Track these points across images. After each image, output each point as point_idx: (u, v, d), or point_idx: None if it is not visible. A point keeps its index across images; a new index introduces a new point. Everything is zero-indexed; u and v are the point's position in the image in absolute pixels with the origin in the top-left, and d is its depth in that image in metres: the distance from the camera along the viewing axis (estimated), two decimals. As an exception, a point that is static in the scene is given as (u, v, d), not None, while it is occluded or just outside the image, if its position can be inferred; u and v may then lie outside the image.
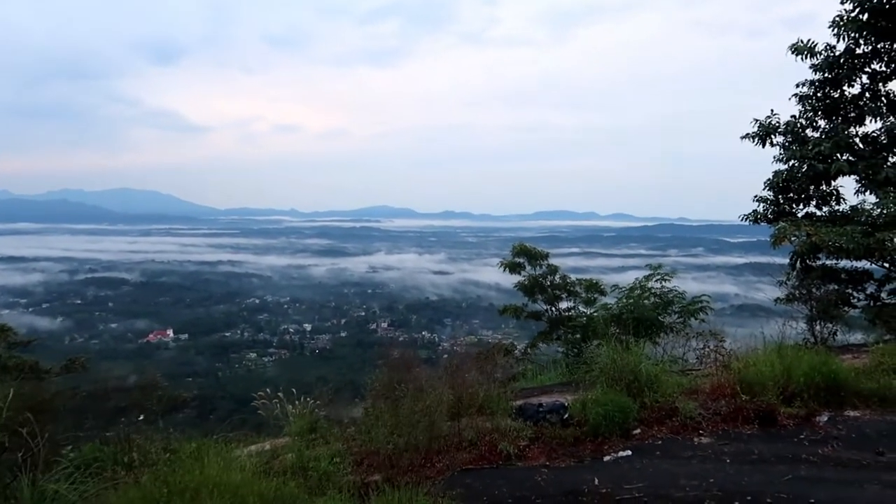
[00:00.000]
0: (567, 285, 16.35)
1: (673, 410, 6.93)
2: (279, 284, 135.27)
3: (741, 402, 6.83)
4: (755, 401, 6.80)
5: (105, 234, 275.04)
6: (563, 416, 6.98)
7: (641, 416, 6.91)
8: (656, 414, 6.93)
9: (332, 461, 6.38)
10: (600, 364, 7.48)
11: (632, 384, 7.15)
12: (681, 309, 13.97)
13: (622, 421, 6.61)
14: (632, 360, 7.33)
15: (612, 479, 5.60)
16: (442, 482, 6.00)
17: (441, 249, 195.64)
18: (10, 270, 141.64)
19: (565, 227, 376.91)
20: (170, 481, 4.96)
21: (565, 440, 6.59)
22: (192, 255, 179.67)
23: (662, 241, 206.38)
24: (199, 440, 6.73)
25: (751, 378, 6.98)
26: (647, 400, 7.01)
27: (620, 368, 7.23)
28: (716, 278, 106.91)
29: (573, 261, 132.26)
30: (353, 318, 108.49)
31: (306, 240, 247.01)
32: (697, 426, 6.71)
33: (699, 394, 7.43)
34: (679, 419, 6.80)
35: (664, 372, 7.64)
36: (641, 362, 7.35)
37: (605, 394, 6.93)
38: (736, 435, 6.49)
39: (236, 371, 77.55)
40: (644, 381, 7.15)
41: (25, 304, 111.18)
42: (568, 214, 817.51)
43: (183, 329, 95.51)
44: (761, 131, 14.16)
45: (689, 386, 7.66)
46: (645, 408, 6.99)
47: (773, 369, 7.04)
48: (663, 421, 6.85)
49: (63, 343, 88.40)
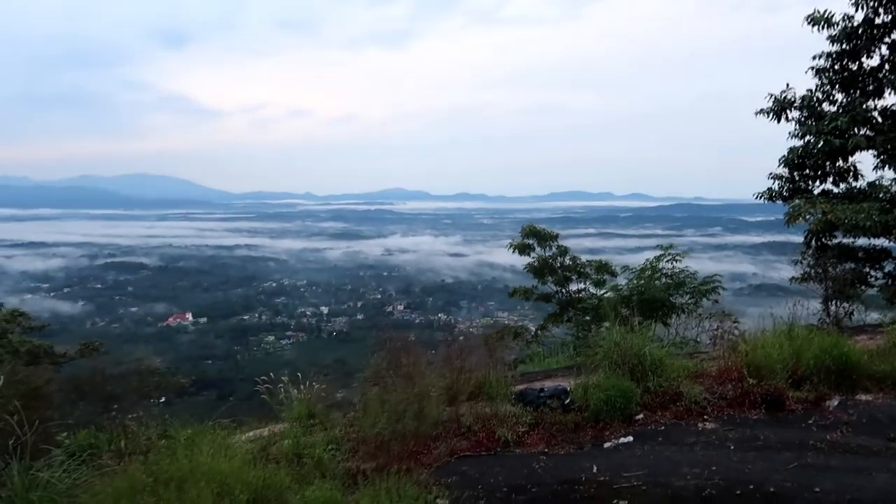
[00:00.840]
0: (577, 266, 16.14)
1: (677, 395, 6.73)
2: (295, 268, 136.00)
3: (748, 386, 6.62)
4: (763, 385, 6.58)
5: (123, 220, 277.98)
6: (565, 402, 6.81)
7: (645, 400, 6.73)
8: (660, 399, 6.74)
9: (328, 448, 6.30)
10: (604, 347, 7.28)
11: (635, 368, 6.96)
12: (692, 290, 13.72)
13: (624, 406, 6.43)
14: (636, 343, 7.13)
15: (611, 466, 5.43)
16: (437, 469, 5.88)
17: (456, 231, 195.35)
18: (31, 256, 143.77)
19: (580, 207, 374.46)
20: (156, 470, 4.88)
21: (566, 426, 6.43)
22: (209, 240, 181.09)
23: (679, 221, 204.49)
24: (196, 426, 6.67)
25: (758, 361, 6.76)
26: (651, 384, 6.82)
27: (624, 352, 7.04)
28: (733, 258, 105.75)
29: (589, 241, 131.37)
30: (370, 300, 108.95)
31: (322, 223, 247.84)
32: (702, 411, 6.51)
33: (706, 377, 7.23)
34: (683, 404, 6.60)
35: (670, 355, 7.43)
36: (646, 345, 7.14)
37: (608, 378, 6.75)
38: (742, 420, 6.28)
39: (255, 354, 78.28)
40: (648, 365, 6.95)
41: (47, 288, 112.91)
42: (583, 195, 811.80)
43: (202, 313, 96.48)
44: (776, 106, 13.75)
45: (695, 369, 7.44)
46: (649, 392, 6.80)
47: (781, 352, 6.81)
48: (667, 406, 6.65)
49: (85, 327, 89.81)
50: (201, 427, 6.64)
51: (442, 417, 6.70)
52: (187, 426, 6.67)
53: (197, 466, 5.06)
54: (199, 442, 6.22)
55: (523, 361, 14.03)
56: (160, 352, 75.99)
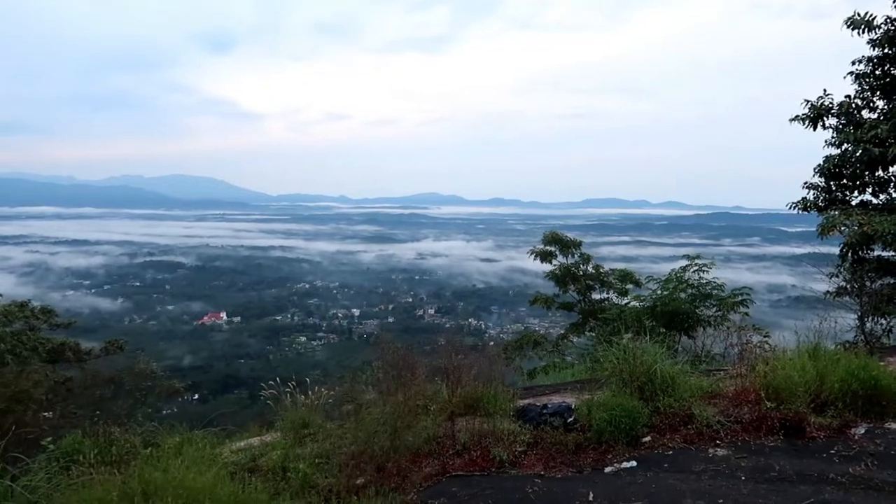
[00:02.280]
0: (600, 275, 15.70)
1: (689, 417, 6.28)
2: (329, 270, 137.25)
3: (766, 409, 6.14)
4: (782, 409, 6.09)
5: (162, 219, 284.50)
6: (567, 420, 6.43)
7: (654, 421, 6.30)
8: (670, 420, 6.30)
9: (315, 462, 6.04)
10: (612, 362, 6.88)
11: (645, 386, 6.54)
12: (719, 302, 13.15)
13: (629, 427, 6.01)
14: (646, 359, 6.71)
15: (608, 493, 5.04)
16: (426, 489, 5.58)
17: (489, 237, 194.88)
18: (74, 253, 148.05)
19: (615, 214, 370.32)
20: (126, 482, 4.68)
21: (566, 447, 6.04)
22: (245, 240, 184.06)
23: (716, 230, 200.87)
24: (185, 434, 6.50)
25: (778, 383, 6.26)
26: (661, 404, 6.39)
27: (633, 368, 6.63)
28: (771, 269, 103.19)
29: (623, 249, 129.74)
30: (401, 304, 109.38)
31: (356, 226, 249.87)
32: (715, 435, 6.06)
33: (721, 398, 6.76)
34: (695, 427, 6.15)
35: (684, 372, 6.97)
36: (657, 362, 6.71)
37: (614, 396, 6.35)
38: (757, 447, 5.82)
39: (286, 354, 79.06)
40: (658, 384, 6.53)
41: (88, 285, 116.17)
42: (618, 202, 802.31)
43: (236, 312, 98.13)
44: (812, 112, 13.11)
45: (710, 389, 6.97)
46: (658, 413, 6.37)
47: (804, 373, 6.30)
48: (677, 428, 6.22)
49: (123, 324, 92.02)
50: (190, 435, 6.47)
51: (437, 432, 6.40)
52: (176, 434, 6.51)
53: (169, 480, 4.84)
54: (185, 451, 6.04)
55: (538, 373, 13.65)
56: (195, 350, 77.49)
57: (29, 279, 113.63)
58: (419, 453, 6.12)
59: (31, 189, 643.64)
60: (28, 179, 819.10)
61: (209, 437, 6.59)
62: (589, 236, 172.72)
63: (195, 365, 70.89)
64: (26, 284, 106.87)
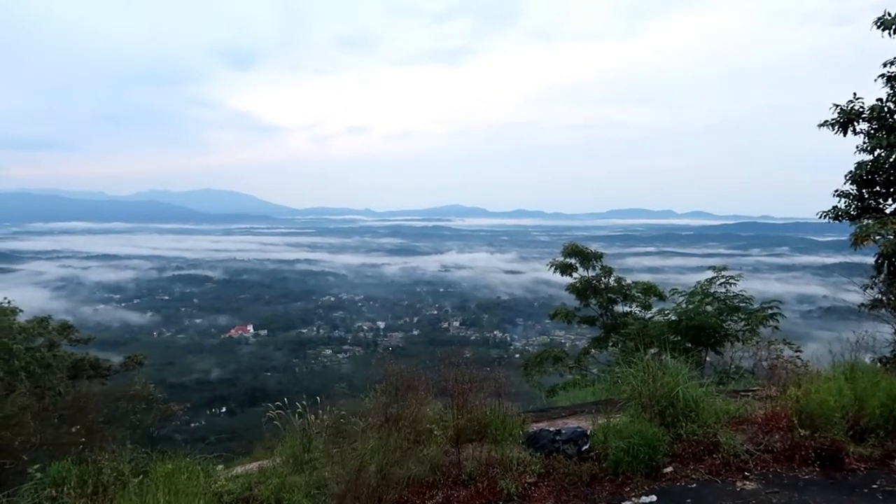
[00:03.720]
0: (622, 288, 15.20)
1: (715, 445, 5.80)
2: (354, 283, 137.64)
3: (799, 437, 5.64)
4: (817, 437, 5.59)
5: (190, 233, 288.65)
6: (582, 448, 5.98)
7: (676, 450, 5.83)
8: (694, 448, 5.82)
9: (311, 493, 5.68)
10: (631, 385, 6.42)
11: (666, 411, 6.07)
12: (748, 315, 12.57)
13: (649, 457, 5.55)
14: (668, 381, 6.24)
15: (624, 533, 4.61)
16: (429, 524, 5.19)
17: (513, 248, 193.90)
18: (105, 267, 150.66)
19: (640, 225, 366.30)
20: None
21: (580, 478, 5.59)
22: (271, 254, 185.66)
23: (744, 240, 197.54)
24: (178, 459, 6.18)
25: (812, 408, 5.76)
26: (683, 431, 5.91)
27: (653, 391, 6.17)
28: (801, 279, 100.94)
29: (649, 260, 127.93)
30: (426, 316, 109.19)
31: (380, 239, 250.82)
32: (743, 466, 5.57)
33: (750, 424, 6.25)
34: (721, 456, 5.67)
35: (709, 395, 6.48)
36: (679, 384, 6.23)
37: (632, 422, 5.90)
38: (790, 480, 5.32)
39: (312, 367, 79.26)
40: (681, 408, 6.06)
41: (119, 299, 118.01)
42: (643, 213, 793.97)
43: (262, 325, 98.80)
44: (842, 117, 12.49)
45: (738, 413, 6.46)
46: (680, 440, 5.90)
47: (840, 397, 5.79)
48: (702, 457, 5.74)
49: (152, 337, 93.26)
50: (183, 462, 6.16)
51: (442, 460, 6.00)
52: (169, 460, 6.20)
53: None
54: (176, 480, 5.74)
55: (558, 390, 13.16)
56: (222, 363, 78.06)
57: (62, 293, 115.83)
58: (422, 483, 5.73)
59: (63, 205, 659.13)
60: (60, 196, 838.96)
61: (204, 463, 6.28)
62: (614, 247, 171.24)
63: (223, 378, 71.40)
64: (59, 298, 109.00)
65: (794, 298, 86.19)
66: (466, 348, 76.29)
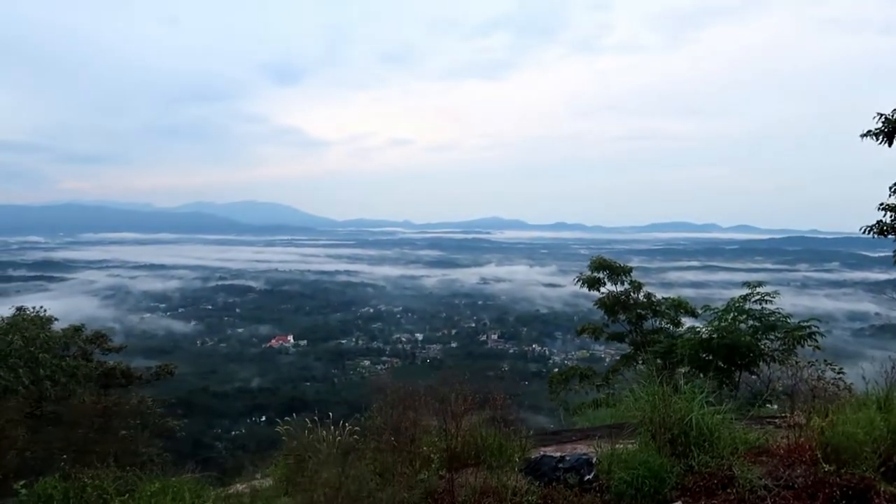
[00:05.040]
0: (652, 304, 14.59)
1: (730, 478, 5.30)
2: (392, 294, 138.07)
3: (823, 472, 5.11)
4: (843, 473, 5.05)
5: (233, 244, 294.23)
6: (584, 477, 5.56)
7: (687, 482, 5.35)
8: (707, 482, 5.32)
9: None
10: (640, 410, 5.96)
11: (677, 439, 5.60)
12: (785, 334, 11.86)
13: (654, 490, 5.10)
14: (680, 406, 5.77)
15: (619, 577, 4.19)
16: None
17: (552, 262, 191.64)
18: (151, 277, 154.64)
19: (683, 239, 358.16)
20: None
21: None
22: (311, 265, 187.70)
23: (791, 255, 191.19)
24: (166, 479, 5.99)
25: (838, 440, 5.22)
26: (695, 462, 5.44)
27: (664, 417, 5.70)
28: (852, 295, 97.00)
29: (692, 275, 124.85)
30: (464, 328, 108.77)
31: (419, 251, 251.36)
32: (760, 502, 5.06)
33: (771, 456, 5.72)
34: (736, 491, 5.17)
35: (726, 422, 5.96)
36: (693, 410, 5.75)
37: (640, 451, 5.46)
38: (811, 521, 4.81)
39: (351, 378, 79.49)
40: (694, 437, 5.58)
41: (164, 308, 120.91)
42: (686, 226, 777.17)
43: (302, 335, 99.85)
44: (886, 126, 11.73)
45: (758, 443, 5.94)
46: (692, 472, 5.42)
47: (871, 429, 5.22)
48: (715, 492, 5.24)
49: (196, 345, 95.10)
50: (171, 481, 5.96)
51: (437, 486, 5.66)
52: (156, 479, 6.02)
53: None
54: (160, 501, 5.55)
55: (585, 408, 12.67)
56: (263, 372, 78.91)
57: (110, 302, 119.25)
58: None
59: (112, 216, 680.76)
60: (110, 207, 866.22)
61: (194, 483, 6.07)
62: (655, 261, 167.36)
63: (263, 387, 72.17)
64: (108, 307, 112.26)
65: (845, 316, 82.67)
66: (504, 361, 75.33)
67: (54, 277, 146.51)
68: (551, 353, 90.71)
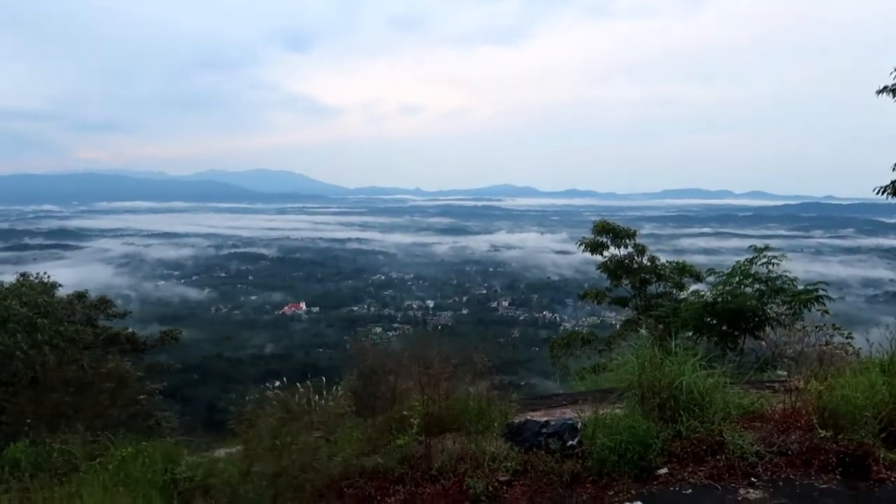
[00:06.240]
0: (656, 268, 14.26)
1: (720, 444, 5.04)
2: (404, 262, 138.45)
3: (819, 438, 4.84)
4: (840, 439, 4.77)
5: (245, 213, 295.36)
6: (567, 443, 5.32)
7: (674, 449, 5.10)
8: (695, 448, 5.07)
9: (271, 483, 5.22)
10: (629, 373, 5.70)
11: (666, 404, 5.34)
12: (791, 298, 11.53)
13: (639, 457, 4.85)
14: (671, 370, 5.48)
15: (594, 547, 3.96)
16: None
17: (563, 229, 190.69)
18: (165, 245, 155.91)
19: (696, 205, 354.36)
20: None
21: (560, 478, 4.92)
22: (323, 233, 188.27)
23: (806, 221, 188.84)
24: (138, 444, 5.84)
25: (836, 405, 4.93)
26: (683, 427, 5.18)
27: (652, 381, 5.43)
28: (867, 262, 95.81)
29: (704, 241, 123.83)
30: (475, 295, 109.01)
31: (430, 218, 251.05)
32: (751, 470, 4.79)
33: (766, 421, 5.45)
34: (725, 458, 4.91)
35: (720, 386, 5.67)
36: (684, 373, 5.46)
37: (626, 416, 5.20)
38: (803, 489, 4.53)
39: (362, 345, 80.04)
40: (684, 401, 5.31)
41: (178, 275, 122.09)
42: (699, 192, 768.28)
43: (314, 302, 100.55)
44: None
45: (752, 408, 5.67)
46: (680, 438, 5.17)
47: (871, 394, 4.93)
48: (703, 458, 4.98)
49: (210, 312, 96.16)
50: (144, 446, 5.81)
51: (414, 452, 5.45)
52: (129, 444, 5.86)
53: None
54: (129, 466, 5.39)
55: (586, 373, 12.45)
56: (276, 339, 79.72)
57: (125, 270, 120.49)
58: (388, 477, 5.20)
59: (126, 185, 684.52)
60: (124, 175, 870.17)
61: (170, 448, 5.92)
62: (668, 228, 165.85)
63: (276, 353, 72.95)
64: (123, 275, 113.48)
65: (859, 282, 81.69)
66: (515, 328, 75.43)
67: (69, 246, 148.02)
68: (562, 319, 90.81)
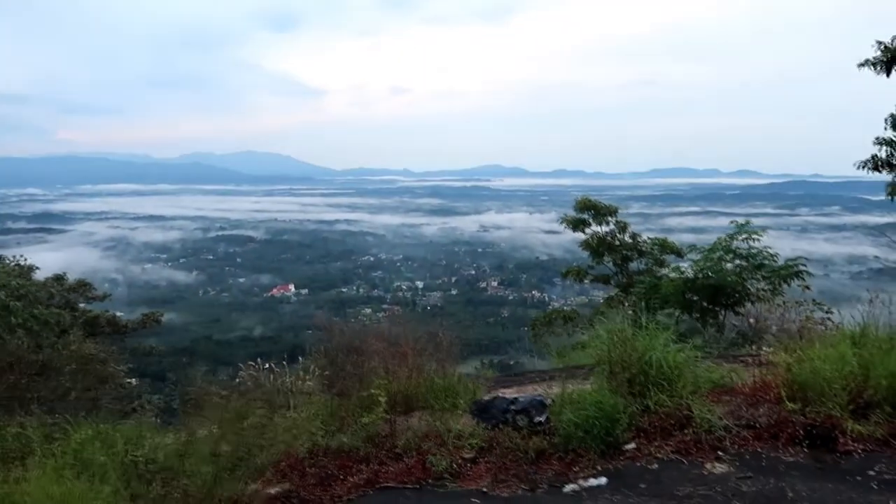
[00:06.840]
0: (638, 244, 14.19)
1: (688, 418, 4.97)
2: (392, 243, 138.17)
3: (787, 411, 4.78)
4: (808, 411, 4.71)
5: (232, 195, 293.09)
6: (534, 419, 5.23)
7: (642, 423, 5.02)
8: (664, 422, 5.00)
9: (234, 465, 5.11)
10: (598, 349, 5.61)
11: (635, 378, 5.26)
12: (771, 273, 11.52)
13: (606, 432, 4.77)
14: (640, 344, 5.40)
15: (556, 524, 3.88)
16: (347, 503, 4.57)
17: (552, 209, 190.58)
18: (152, 228, 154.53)
19: (684, 184, 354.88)
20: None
21: (526, 454, 4.85)
22: (311, 215, 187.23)
23: (793, 199, 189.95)
24: (100, 425, 5.69)
25: (804, 378, 4.86)
26: (651, 402, 5.10)
27: (622, 356, 5.34)
28: (852, 239, 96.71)
29: (692, 220, 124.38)
30: (464, 276, 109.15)
31: (419, 199, 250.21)
32: (718, 444, 4.73)
33: (736, 395, 5.39)
34: (692, 432, 4.85)
35: (691, 360, 5.59)
36: (654, 348, 5.38)
37: (593, 392, 5.12)
38: (769, 462, 4.47)
39: (352, 326, 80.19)
40: (653, 376, 5.23)
41: (165, 258, 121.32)
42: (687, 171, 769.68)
43: (303, 284, 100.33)
44: (886, 56, 11.13)
45: (723, 382, 5.60)
46: (649, 412, 5.10)
47: (841, 366, 4.85)
48: (671, 432, 4.92)
49: (198, 295, 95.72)
50: (104, 427, 5.66)
51: (381, 431, 5.35)
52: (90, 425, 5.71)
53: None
54: (87, 448, 5.25)
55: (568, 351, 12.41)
56: (265, 321, 79.56)
57: (111, 253, 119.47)
58: (352, 456, 5.10)
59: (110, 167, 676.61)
60: (108, 158, 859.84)
61: (132, 430, 5.78)
62: (656, 207, 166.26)
63: (265, 335, 72.77)
64: (109, 258, 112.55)
65: (844, 259, 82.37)
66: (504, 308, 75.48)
67: (54, 229, 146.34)
68: (551, 299, 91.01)
